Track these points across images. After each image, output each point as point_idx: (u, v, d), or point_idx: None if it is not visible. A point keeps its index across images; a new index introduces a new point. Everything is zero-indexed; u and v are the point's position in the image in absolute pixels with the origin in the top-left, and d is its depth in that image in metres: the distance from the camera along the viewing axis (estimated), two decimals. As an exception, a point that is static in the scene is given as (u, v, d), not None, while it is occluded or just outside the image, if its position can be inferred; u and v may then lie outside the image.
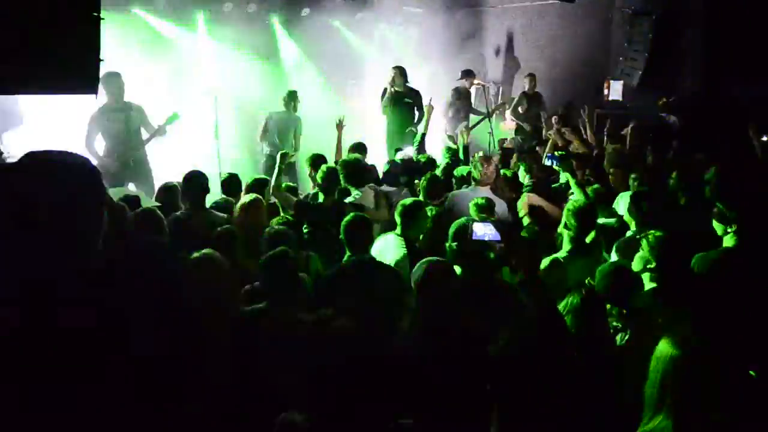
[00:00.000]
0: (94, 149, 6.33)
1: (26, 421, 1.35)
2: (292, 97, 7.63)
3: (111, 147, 6.40)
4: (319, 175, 4.89)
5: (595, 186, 4.87)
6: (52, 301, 1.40)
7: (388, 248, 4.02)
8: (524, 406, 2.48)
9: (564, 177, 5.14)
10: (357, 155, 5.83)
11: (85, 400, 1.39)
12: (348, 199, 4.90)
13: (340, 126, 6.57)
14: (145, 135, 6.54)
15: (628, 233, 4.09)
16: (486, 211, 4.22)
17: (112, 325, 1.46)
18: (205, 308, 2.68)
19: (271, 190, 4.91)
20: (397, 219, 4.07)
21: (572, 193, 4.79)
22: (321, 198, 4.87)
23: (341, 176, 5.01)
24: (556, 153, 5.21)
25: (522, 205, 4.96)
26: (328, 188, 4.80)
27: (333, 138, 6.61)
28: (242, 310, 3.09)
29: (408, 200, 4.22)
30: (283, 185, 5.17)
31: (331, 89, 9.31)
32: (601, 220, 4.27)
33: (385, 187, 5.45)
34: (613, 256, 3.86)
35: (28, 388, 1.35)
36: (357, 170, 5.11)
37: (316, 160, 5.57)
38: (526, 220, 4.71)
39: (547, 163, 5.14)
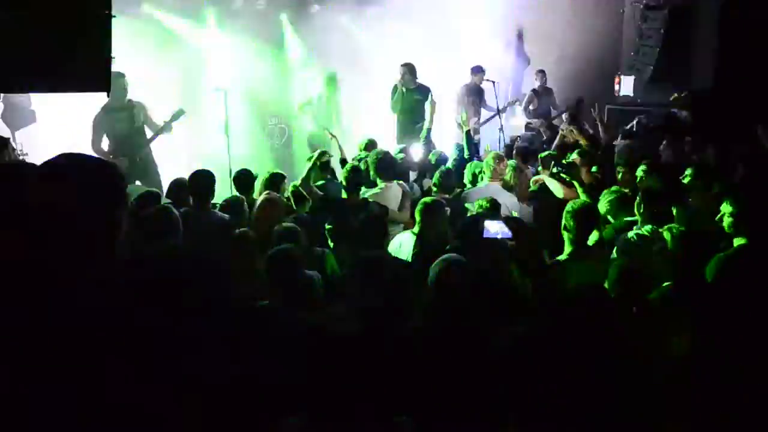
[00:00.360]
0: (101, 150, 6.36)
1: (26, 420, 1.36)
2: (331, 81, 7.74)
3: (116, 146, 6.42)
4: (343, 174, 4.90)
5: (622, 190, 4.79)
6: (58, 303, 1.41)
7: (403, 246, 4.04)
8: (535, 405, 2.47)
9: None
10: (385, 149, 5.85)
11: (84, 401, 1.39)
12: (369, 194, 4.93)
13: (331, 135, 6.62)
14: (149, 132, 6.54)
15: (634, 229, 4.07)
16: (490, 212, 4.22)
17: (115, 329, 1.46)
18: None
19: (299, 184, 4.92)
20: (417, 217, 4.07)
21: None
22: (344, 194, 4.89)
23: (372, 167, 5.08)
24: (563, 161, 5.25)
25: (533, 182, 5.29)
26: (351, 185, 4.80)
27: (339, 133, 6.69)
28: (243, 307, 3.08)
29: (428, 199, 4.23)
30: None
31: (340, 85, 9.30)
32: (628, 218, 4.23)
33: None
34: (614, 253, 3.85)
35: (28, 388, 1.36)
36: (389, 164, 5.19)
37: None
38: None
39: (554, 170, 5.19)
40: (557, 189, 5.00)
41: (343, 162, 5.82)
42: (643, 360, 2.65)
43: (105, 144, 6.43)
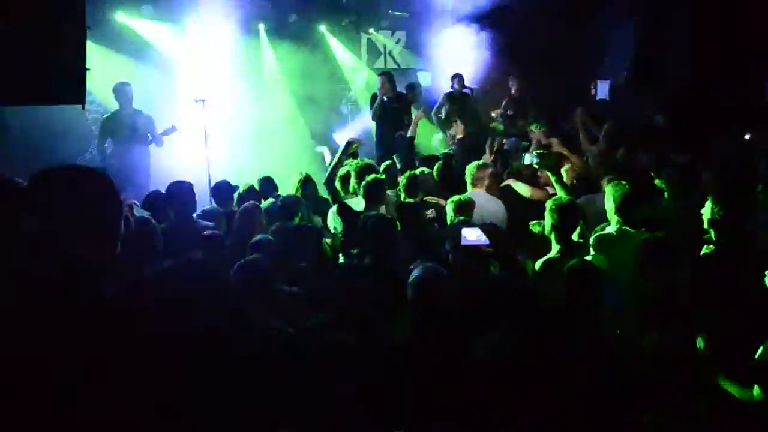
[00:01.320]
0: (104, 151, 6.98)
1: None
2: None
3: (117, 151, 6.93)
4: (363, 185, 4.83)
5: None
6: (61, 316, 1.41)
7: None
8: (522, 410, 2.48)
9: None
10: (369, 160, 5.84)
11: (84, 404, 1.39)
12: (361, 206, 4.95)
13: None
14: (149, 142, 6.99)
15: (609, 229, 4.11)
16: (464, 208, 4.28)
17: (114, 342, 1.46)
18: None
19: (324, 182, 4.91)
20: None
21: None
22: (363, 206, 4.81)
23: (354, 179, 5.04)
24: (535, 152, 5.17)
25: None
26: (373, 197, 4.73)
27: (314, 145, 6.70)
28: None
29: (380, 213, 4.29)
30: None
31: (318, 95, 9.31)
32: None
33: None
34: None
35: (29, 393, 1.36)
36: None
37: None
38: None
39: (527, 161, 5.10)
40: (523, 189, 5.07)
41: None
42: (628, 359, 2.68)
43: (108, 147, 7.00)
